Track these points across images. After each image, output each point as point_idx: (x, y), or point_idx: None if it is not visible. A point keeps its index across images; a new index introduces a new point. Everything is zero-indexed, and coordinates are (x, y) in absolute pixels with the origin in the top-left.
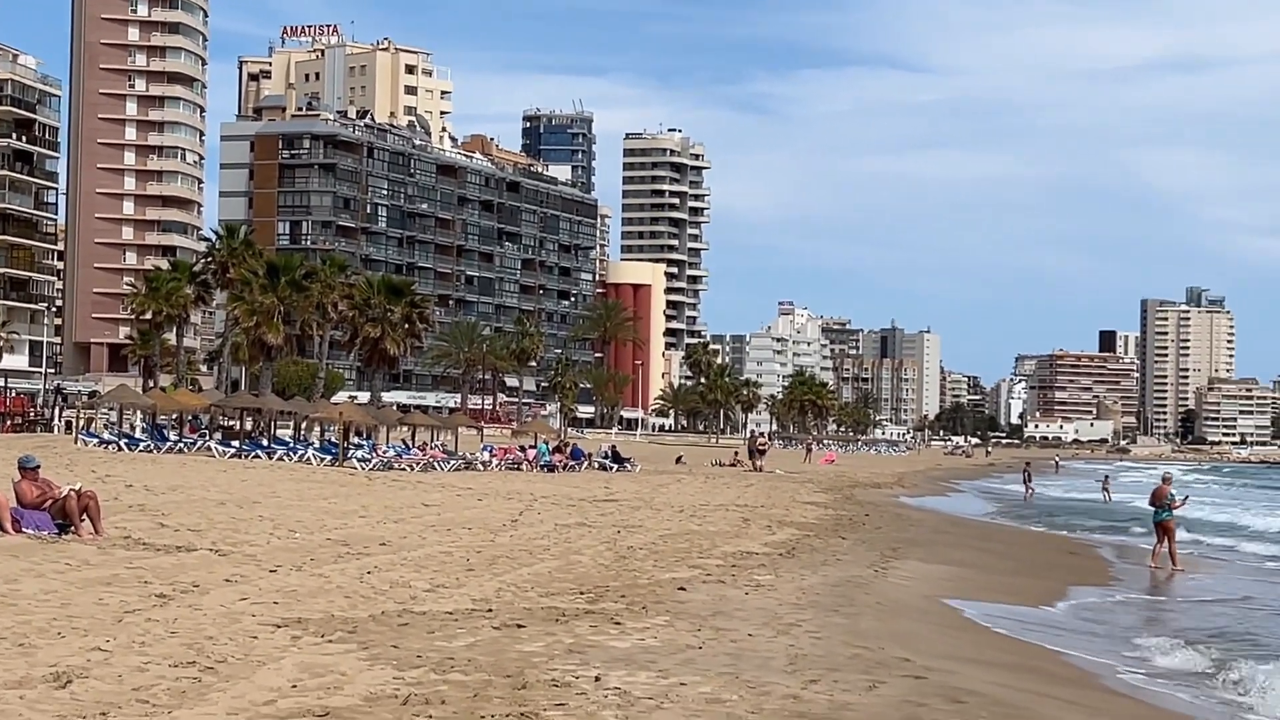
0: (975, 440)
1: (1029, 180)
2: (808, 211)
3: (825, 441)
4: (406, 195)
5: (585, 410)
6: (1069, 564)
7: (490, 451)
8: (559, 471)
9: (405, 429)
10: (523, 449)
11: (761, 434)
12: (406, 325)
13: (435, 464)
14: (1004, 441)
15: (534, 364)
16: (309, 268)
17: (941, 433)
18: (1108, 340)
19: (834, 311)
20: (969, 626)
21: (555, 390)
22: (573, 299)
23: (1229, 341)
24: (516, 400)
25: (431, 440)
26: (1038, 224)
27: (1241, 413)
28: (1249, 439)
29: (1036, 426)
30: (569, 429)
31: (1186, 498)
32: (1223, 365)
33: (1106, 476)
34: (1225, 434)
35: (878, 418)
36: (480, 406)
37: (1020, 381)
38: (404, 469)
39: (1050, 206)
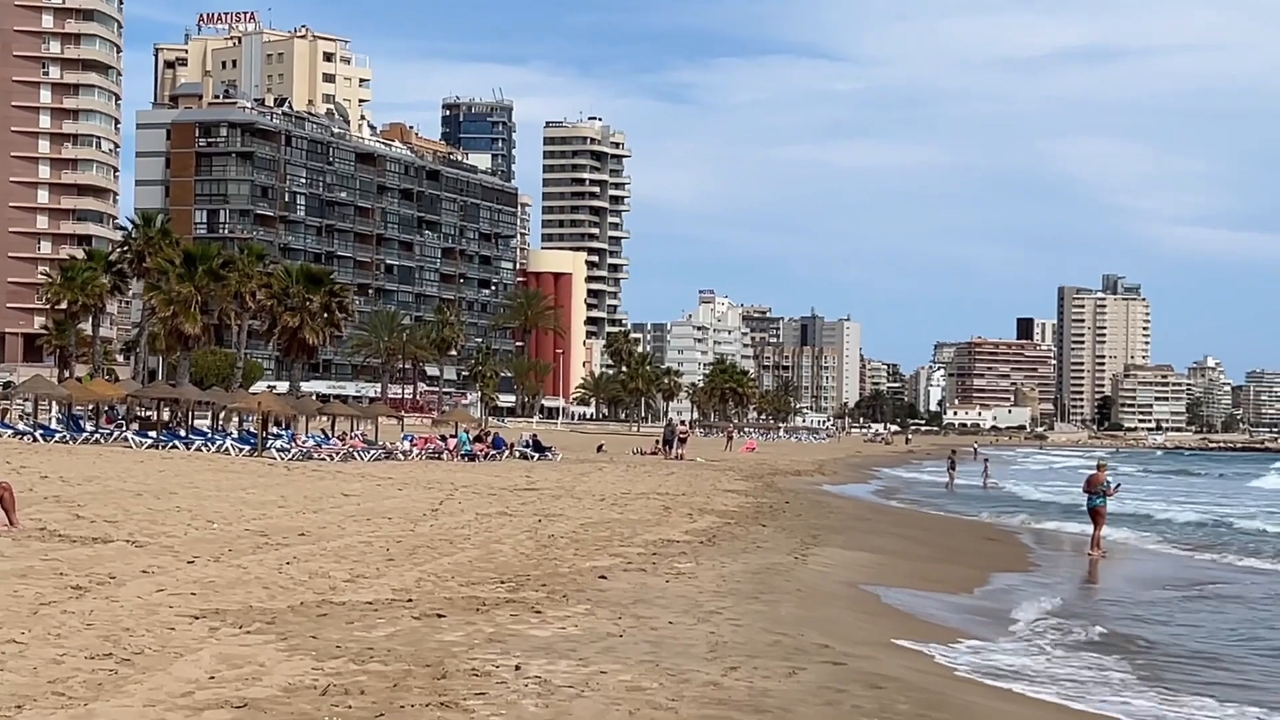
0: (895, 428)
1: (948, 169)
2: (728, 200)
3: (746, 429)
4: (325, 183)
5: (506, 399)
6: (988, 550)
7: (411, 441)
8: (480, 461)
9: (325, 419)
10: (443, 438)
11: (682, 422)
12: (325, 314)
13: (355, 454)
14: (923, 429)
15: (454, 353)
16: (226, 256)
17: (861, 420)
18: (1025, 328)
19: (754, 300)
20: (888, 612)
21: (476, 379)
22: (493, 288)
23: (1145, 328)
24: (437, 389)
25: (351, 430)
26: (957, 213)
27: (1157, 399)
28: (1164, 425)
29: (956, 413)
30: (490, 418)
31: (1119, 485)
32: (1138, 352)
33: (986, 460)
34: (1141, 420)
35: (798, 405)
36: (400, 396)
37: (939, 369)
38: (323, 459)
39: (970, 195)
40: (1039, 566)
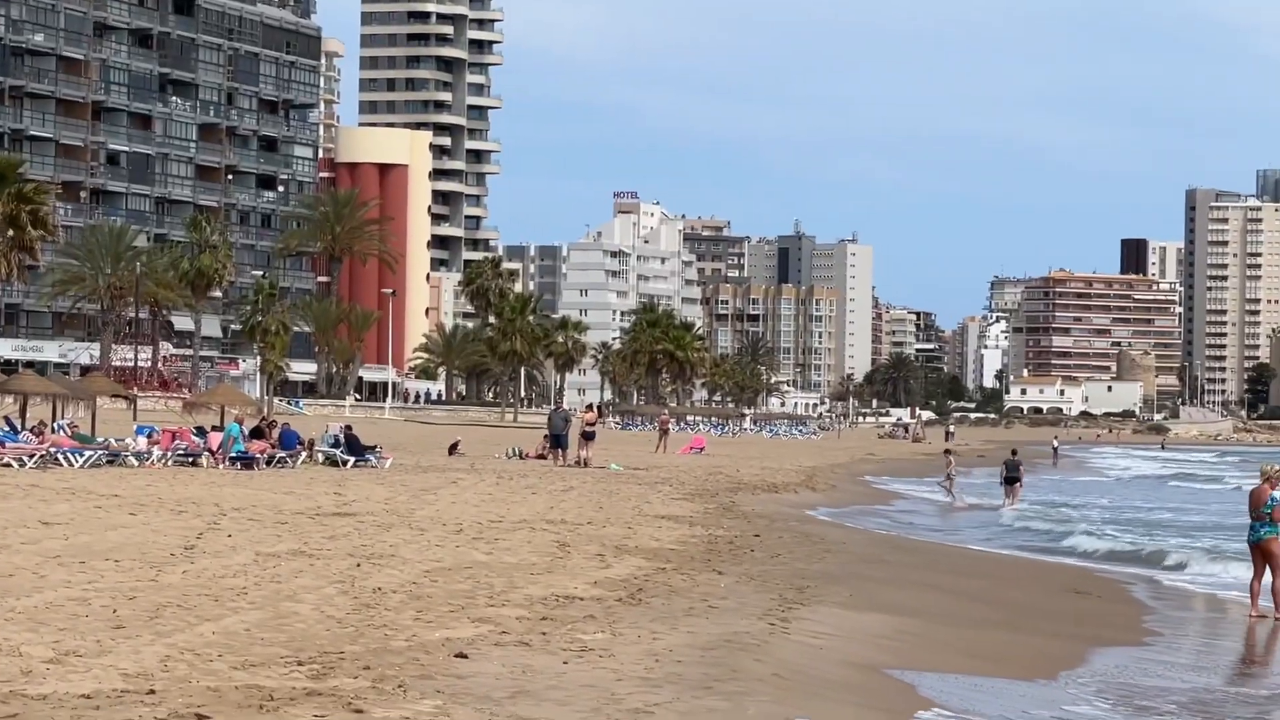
0: (929, 415)
1: None
2: (659, 47)
3: (690, 418)
4: (9, 20)
5: (303, 369)
6: (1078, 610)
7: (150, 436)
8: (260, 468)
9: (10, 399)
10: (201, 431)
11: (588, 407)
12: (11, 232)
13: (60, 456)
14: (974, 415)
15: (219, 294)
16: None
17: (875, 403)
18: (1135, 255)
19: (703, 210)
20: (934, 717)
21: (253, 337)
22: (281, 188)
23: None
24: (191, 353)
25: (54, 418)
26: (1020, 68)
27: None
28: None
29: (1024, 392)
30: (277, 400)
31: None
32: None
33: (950, 461)
34: None
35: (774, 379)
36: (133, 364)
37: (998, 321)
38: (8, 464)
39: (1038, 39)
40: (1160, 635)
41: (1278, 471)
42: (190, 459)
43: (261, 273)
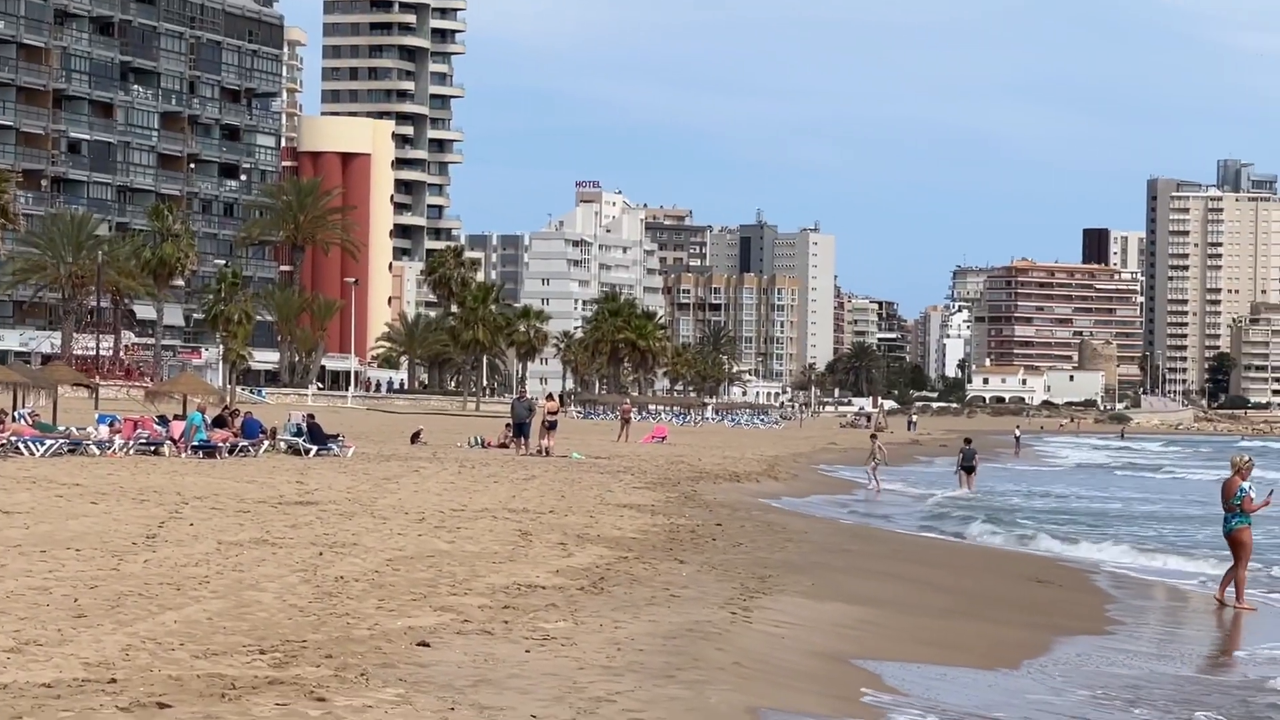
0: (891, 404)
1: None
2: (622, 37)
3: (652, 407)
4: None
5: (265, 358)
6: (1039, 599)
7: (111, 425)
8: (222, 457)
9: None
10: (163, 420)
11: (549, 396)
12: None
13: (21, 445)
14: (935, 405)
15: (181, 283)
16: None
17: (837, 392)
18: (1097, 245)
19: (665, 199)
20: (891, 704)
21: (216, 326)
22: (244, 177)
23: None
24: (153, 342)
25: (14, 407)
26: (986, 59)
27: None
28: None
29: (986, 381)
30: (239, 389)
31: (1270, 493)
32: (1275, 284)
33: (879, 447)
34: (1278, 391)
35: (736, 369)
36: (94, 352)
37: (960, 310)
38: None
39: (1005, 30)
40: (1122, 624)
41: (1247, 463)
42: (152, 448)
43: (224, 262)
